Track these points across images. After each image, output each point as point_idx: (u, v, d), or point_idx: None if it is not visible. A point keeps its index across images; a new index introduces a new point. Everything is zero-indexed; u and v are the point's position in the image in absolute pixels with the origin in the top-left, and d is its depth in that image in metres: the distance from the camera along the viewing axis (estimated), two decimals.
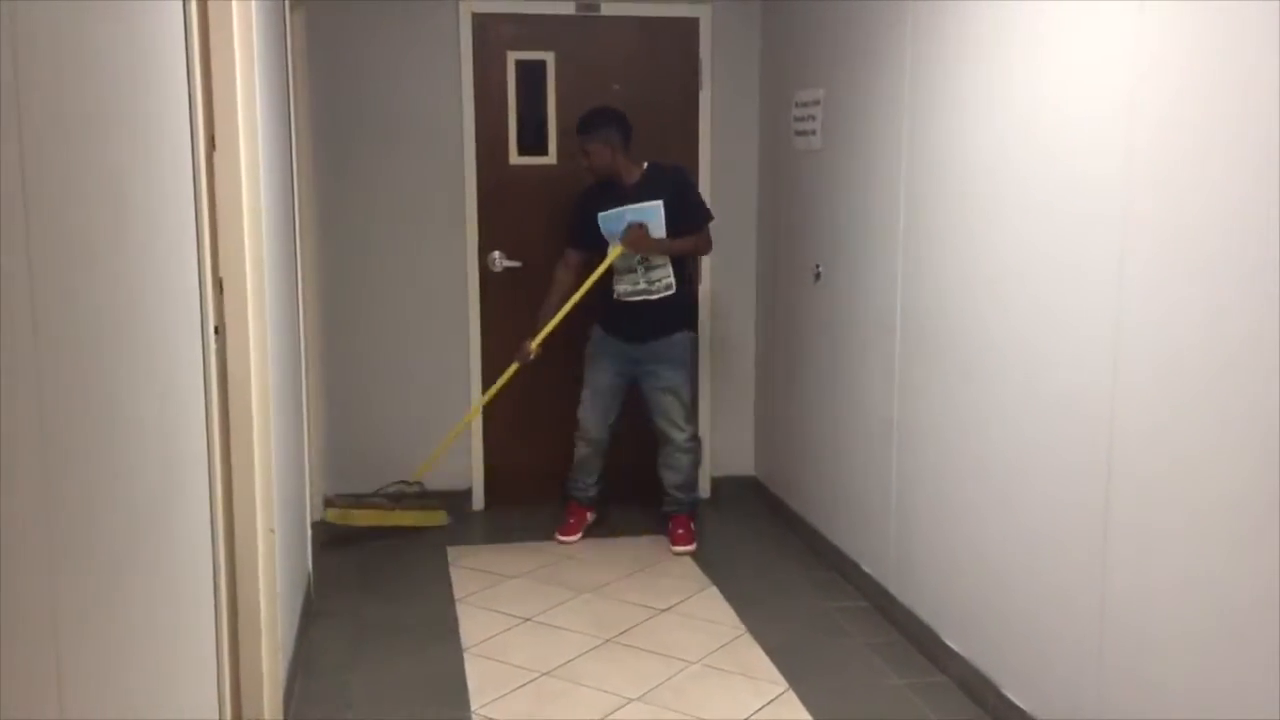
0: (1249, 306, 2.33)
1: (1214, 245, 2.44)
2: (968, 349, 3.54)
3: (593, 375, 4.92)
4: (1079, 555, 2.96)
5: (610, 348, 4.87)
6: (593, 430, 4.94)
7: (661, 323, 4.80)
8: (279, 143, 3.73)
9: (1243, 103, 2.35)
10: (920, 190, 3.83)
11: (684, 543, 4.86)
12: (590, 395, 4.93)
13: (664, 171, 4.81)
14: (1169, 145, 2.58)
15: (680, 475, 4.95)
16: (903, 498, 4.03)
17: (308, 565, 4.27)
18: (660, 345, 4.81)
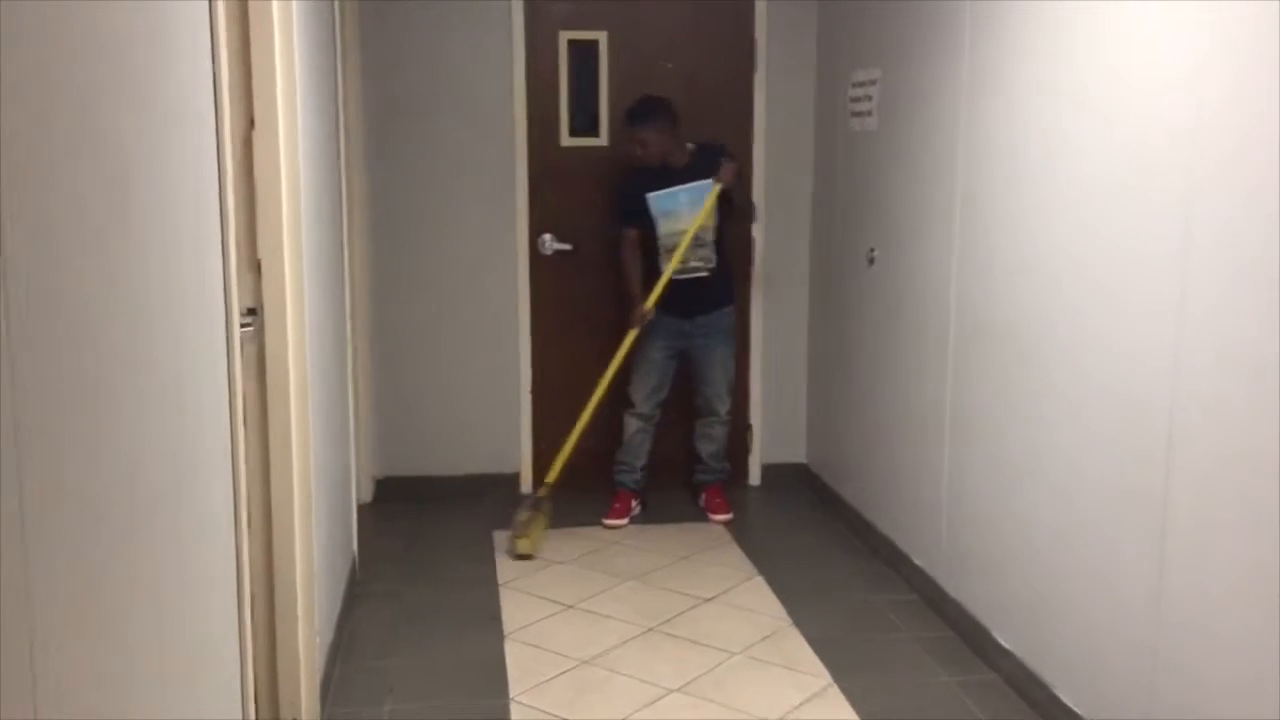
0: None
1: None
2: (1023, 336, 3.43)
3: (644, 350, 4.91)
4: (1135, 552, 2.85)
5: (661, 323, 4.86)
6: (644, 405, 4.98)
7: (713, 297, 4.93)
8: (324, 123, 3.71)
9: None
10: (976, 173, 3.71)
11: (723, 511, 5.03)
12: (643, 371, 4.95)
13: (711, 151, 4.84)
14: (1234, 123, 2.46)
15: (716, 445, 5.12)
16: (955, 489, 3.92)
17: (353, 547, 4.27)
18: (712, 318, 4.94)
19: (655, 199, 4.80)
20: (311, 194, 3.32)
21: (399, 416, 5.29)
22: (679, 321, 4.90)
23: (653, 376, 4.96)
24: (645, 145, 4.73)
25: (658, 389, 4.99)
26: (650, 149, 4.74)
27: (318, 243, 3.45)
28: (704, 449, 5.13)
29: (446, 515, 5.07)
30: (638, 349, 4.88)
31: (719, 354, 5.00)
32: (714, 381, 5.01)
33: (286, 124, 2.91)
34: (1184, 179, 2.63)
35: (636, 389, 4.99)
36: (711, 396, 5.03)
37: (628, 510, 5.01)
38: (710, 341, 4.97)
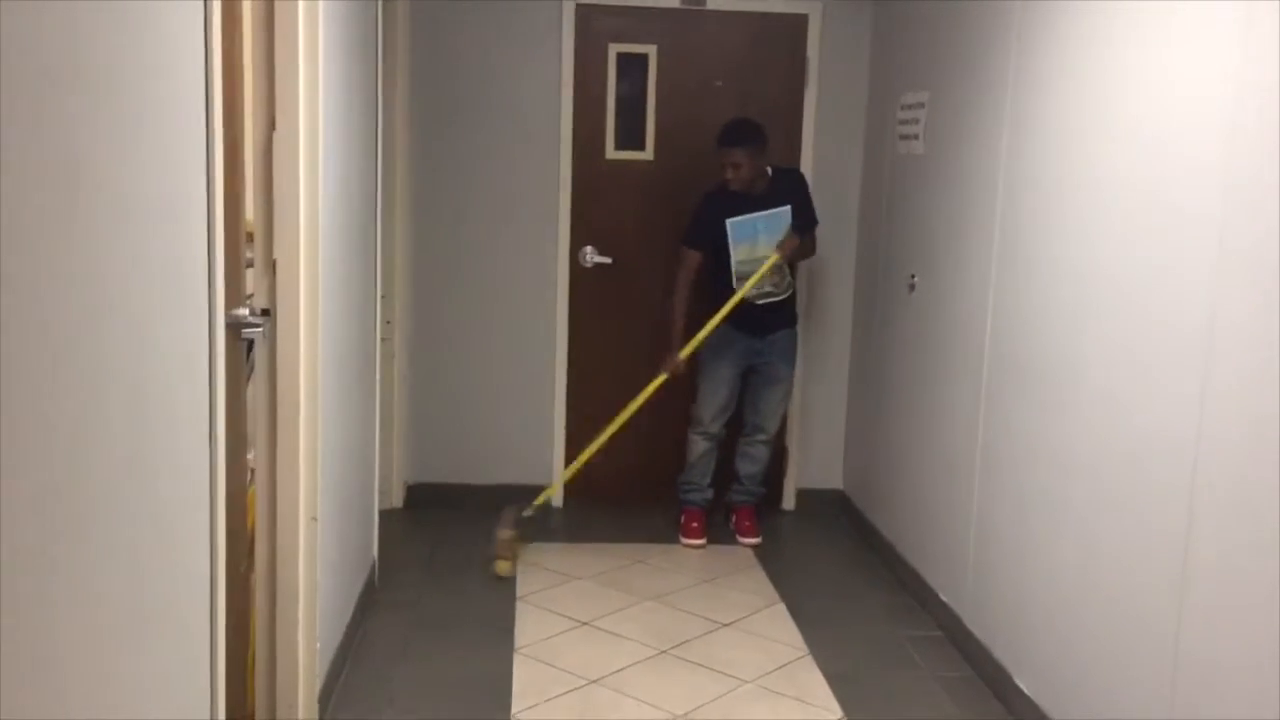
0: None
1: None
2: (1054, 378, 3.32)
3: (714, 368, 4.87)
4: (1154, 605, 2.73)
5: (732, 341, 4.82)
6: (712, 424, 4.93)
7: (785, 317, 4.94)
8: (359, 127, 3.71)
9: None
10: (1017, 204, 3.61)
11: (753, 534, 4.98)
12: (711, 388, 4.90)
13: (788, 176, 4.86)
14: (1267, 173, 2.34)
15: (759, 466, 5.07)
16: (983, 528, 3.81)
17: (373, 553, 4.26)
18: (781, 337, 4.92)
19: (735, 225, 4.73)
20: (338, 197, 3.32)
21: (434, 423, 5.29)
22: (750, 340, 4.86)
23: (721, 395, 4.91)
24: (738, 169, 4.65)
25: (725, 408, 4.94)
26: (742, 173, 4.65)
27: (343, 246, 3.45)
28: (745, 468, 5.07)
29: (475, 524, 5.03)
30: (707, 367, 4.85)
31: (782, 372, 4.96)
32: (771, 399, 4.97)
33: (308, 127, 2.91)
34: (1215, 229, 2.52)
35: (705, 407, 4.93)
36: (765, 414, 4.99)
37: (704, 529, 4.97)
38: (776, 360, 4.93)
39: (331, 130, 3.17)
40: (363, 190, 3.84)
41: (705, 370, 4.87)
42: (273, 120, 2.87)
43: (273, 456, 2.98)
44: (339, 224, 3.37)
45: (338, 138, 3.30)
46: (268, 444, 2.98)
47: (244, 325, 2.76)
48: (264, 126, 2.87)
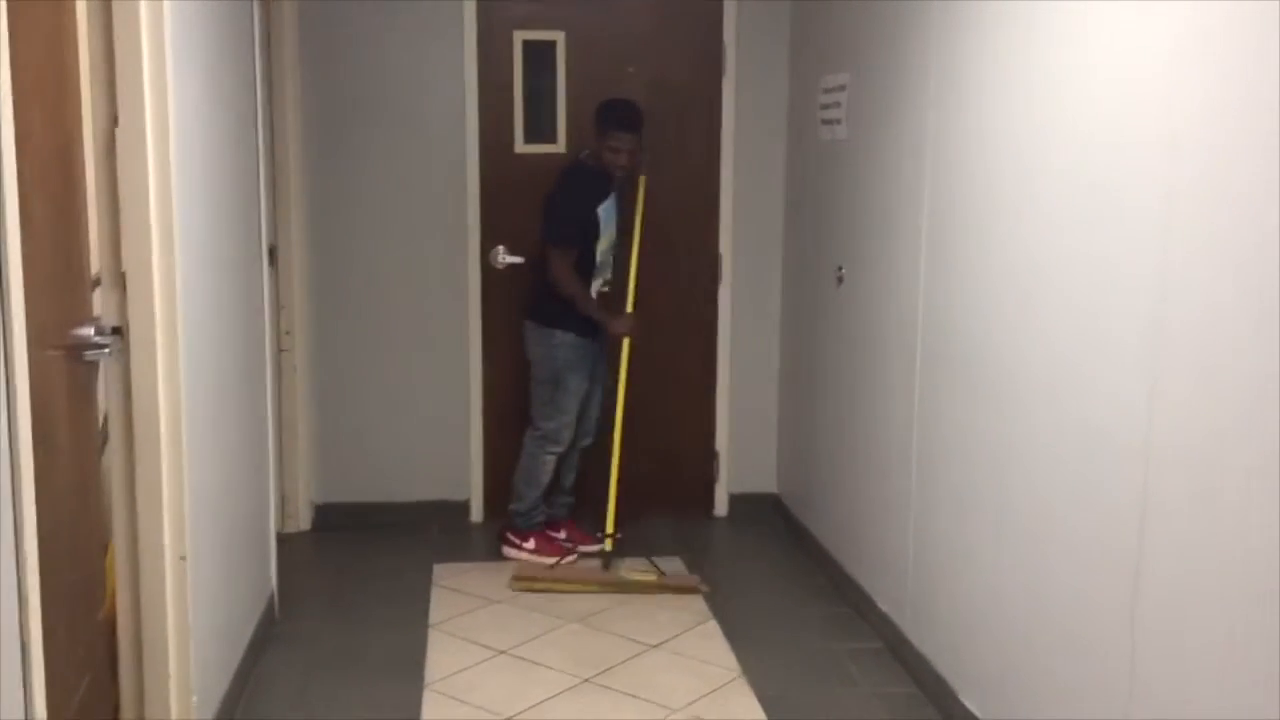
0: None
1: (1267, 253, 1.97)
2: (991, 368, 3.09)
3: (573, 379, 4.47)
4: (1106, 620, 2.51)
5: (584, 351, 4.49)
6: (570, 441, 4.56)
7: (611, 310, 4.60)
8: (235, 126, 3.39)
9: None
10: (944, 188, 3.38)
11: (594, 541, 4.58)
12: (571, 402, 4.48)
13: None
14: (1214, 136, 2.12)
15: (574, 474, 4.74)
16: (921, 533, 3.58)
17: (270, 583, 3.94)
18: (602, 334, 4.55)
19: (605, 211, 4.43)
20: (205, 201, 3.00)
21: (342, 439, 4.97)
22: (591, 342, 4.50)
23: (578, 407, 4.53)
24: (632, 155, 4.34)
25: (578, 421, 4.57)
26: (631, 160, 4.35)
27: (213, 254, 3.13)
28: (569, 479, 4.71)
29: (387, 546, 4.75)
30: (565, 378, 4.45)
31: (605, 371, 4.63)
32: (597, 405, 4.63)
33: (156, 121, 2.60)
34: (1162, 192, 2.29)
35: (568, 424, 4.50)
36: (593, 419, 4.64)
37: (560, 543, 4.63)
38: (602, 359, 4.61)
39: (190, 124, 2.85)
40: (242, 195, 3.51)
41: (564, 382, 4.45)
42: (115, 114, 2.55)
43: (131, 489, 2.67)
44: (208, 230, 3.05)
45: (198, 135, 2.97)
46: (125, 476, 2.67)
47: (86, 346, 2.45)
48: (105, 120, 2.56)
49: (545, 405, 4.50)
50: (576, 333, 4.43)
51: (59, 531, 2.25)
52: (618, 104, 4.38)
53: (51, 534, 2.21)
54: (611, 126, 4.30)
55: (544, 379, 4.49)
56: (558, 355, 4.43)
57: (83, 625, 2.45)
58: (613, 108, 4.36)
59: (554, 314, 4.43)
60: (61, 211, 2.34)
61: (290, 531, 4.84)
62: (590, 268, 4.43)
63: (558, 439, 4.51)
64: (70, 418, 2.37)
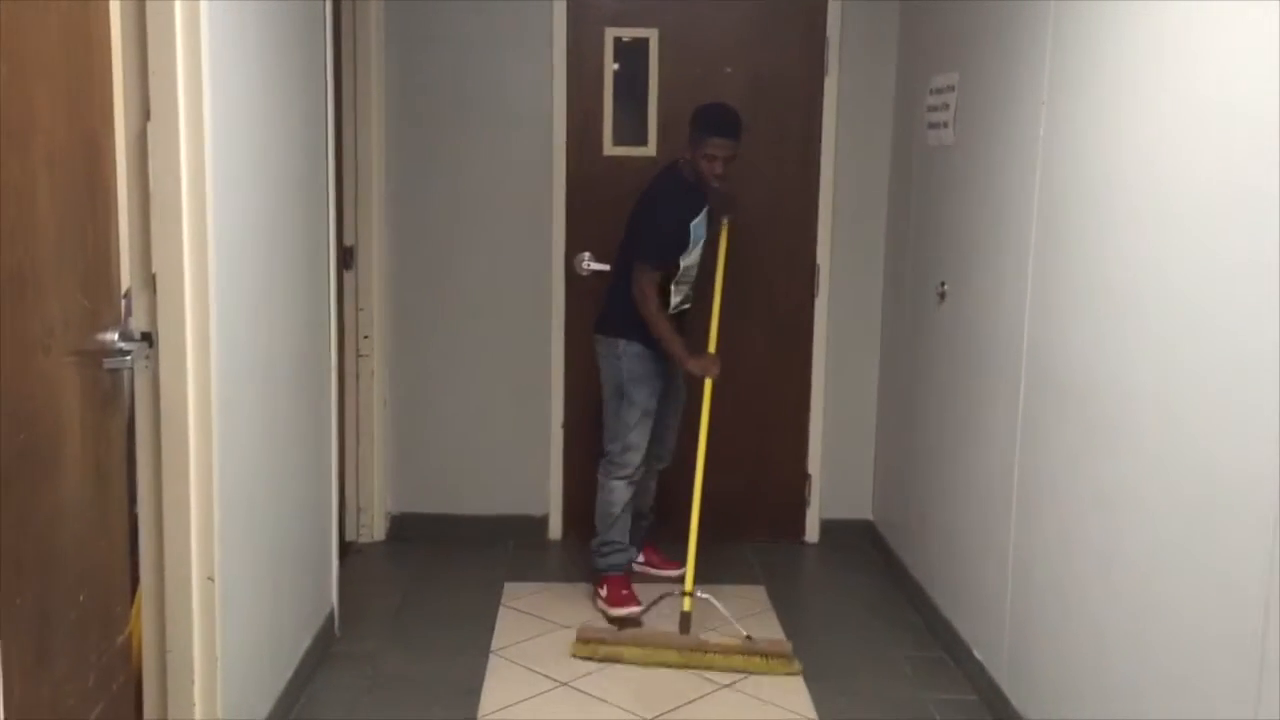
0: None
1: None
2: (1104, 400, 2.76)
3: (641, 399, 4.07)
4: (1227, 685, 2.18)
5: (653, 365, 4.09)
6: (639, 467, 4.13)
7: (688, 327, 4.20)
8: (293, 117, 3.24)
9: None
10: (1057, 199, 3.06)
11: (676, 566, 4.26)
12: (642, 425, 4.09)
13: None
14: None
15: (652, 496, 4.46)
16: (1021, 573, 3.25)
17: (330, 600, 3.79)
18: None
19: (697, 226, 4.05)
20: (240, 200, 2.84)
21: (420, 447, 4.82)
22: (662, 360, 4.10)
23: (649, 430, 4.12)
24: (727, 163, 3.94)
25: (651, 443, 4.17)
26: (728, 169, 3.96)
27: (264, 258, 2.98)
28: (645, 502, 4.39)
29: (460, 559, 4.59)
30: (632, 397, 4.06)
31: (683, 390, 4.32)
32: (674, 424, 4.33)
33: (190, 116, 2.44)
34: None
35: (637, 448, 4.08)
36: (669, 440, 4.33)
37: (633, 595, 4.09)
38: (679, 377, 4.26)
39: (237, 126, 2.71)
40: (305, 195, 3.37)
41: (630, 395, 4.06)
42: (147, 109, 2.41)
43: (158, 507, 2.52)
44: (257, 232, 2.90)
45: (249, 135, 2.82)
46: (152, 490, 2.52)
47: (107, 353, 2.30)
48: (137, 117, 2.42)
49: (612, 424, 4.14)
50: (644, 344, 4.05)
51: (62, 552, 2.11)
52: (716, 108, 4.02)
53: (49, 556, 2.07)
54: (709, 133, 3.92)
55: (609, 394, 4.14)
56: (622, 366, 4.07)
57: (94, 651, 2.31)
58: (710, 112, 4.00)
59: (619, 323, 4.08)
60: (80, 209, 2.20)
61: (365, 541, 4.72)
62: (669, 283, 4.06)
63: (625, 462, 4.10)
64: (85, 429, 2.23)
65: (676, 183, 4.02)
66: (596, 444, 4.66)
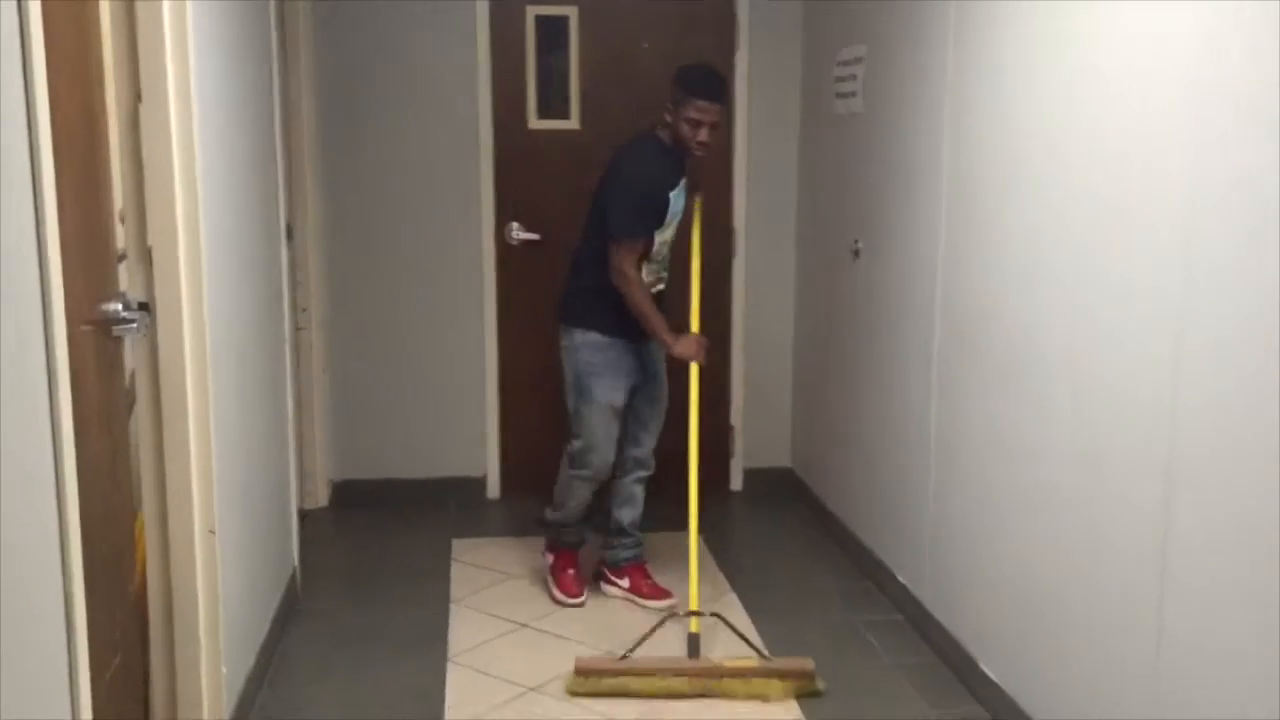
0: None
1: None
2: (1010, 343, 3.09)
3: (605, 392, 3.76)
4: (1134, 590, 2.52)
5: (615, 354, 3.79)
6: (607, 466, 3.86)
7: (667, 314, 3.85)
8: (251, 98, 3.39)
9: None
10: (964, 160, 3.38)
11: (664, 594, 3.95)
12: (604, 420, 3.78)
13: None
14: (1238, 93, 2.11)
15: (640, 510, 4.05)
16: (941, 504, 3.59)
17: (293, 560, 3.96)
18: (652, 345, 3.87)
19: (676, 196, 3.76)
20: (223, 176, 3.00)
21: (359, 416, 4.98)
22: (637, 347, 3.82)
23: (615, 427, 3.83)
24: (713, 130, 3.66)
25: (616, 441, 3.87)
26: (713, 136, 3.68)
27: (235, 231, 3.14)
28: (628, 515, 4.01)
29: (405, 521, 4.77)
30: (594, 390, 3.77)
31: (664, 387, 3.98)
32: (655, 426, 3.98)
33: (179, 97, 2.60)
34: (1191, 149, 2.29)
35: (600, 447, 3.79)
36: (645, 447, 3.98)
37: (583, 578, 4.01)
38: (659, 370, 3.94)
39: (211, 100, 2.86)
40: (260, 169, 3.52)
41: (588, 391, 3.76)
42: (138, 92, 2.55)
43: (161, 464, 2.68)
44: (229, 205, 3.06)
45: (220, 109, 2.98)
46: (154, 450, 2.68)
47: (115, 321, 2.46)
48: (129, 100, 2.56)
49: (574, 420, 3.85)
50: (601, 331, 3.76)
51: (92, 506, 2.26)
52: (700, 68, 3.74)
53: (85, 509, 2.23)
54: (693, 94, 3.60)
55: (569, 387, 3.84)
56: (579, 358, 3.78)
57: (117, 602, 2.47)
58: (694, 73, 3.69)
59: (577, 310, 3.82)
60: (88, 188, 2.35)
61: (309, 508, 4.86)
62: (642, 259, 3.75)
63: (585, 463, 3.81)
64: (100, 392, 2.38)
65: (653, 148, 3.73)
66: (531, 406, 4.92)
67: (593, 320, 3.77)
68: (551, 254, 4.88)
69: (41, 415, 1.72)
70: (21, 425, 1.65)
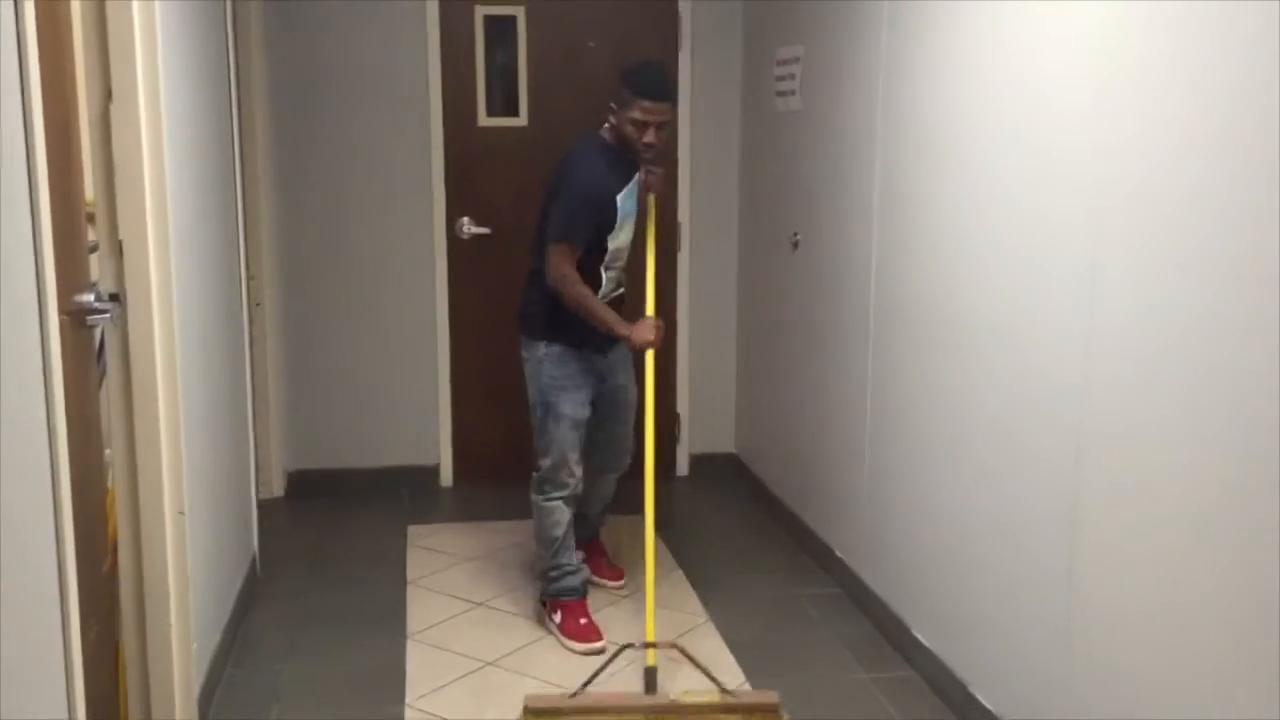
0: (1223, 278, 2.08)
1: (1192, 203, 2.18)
2: (940, 325, 3.30)
3: (574, 410, 3.64)
4: (1046, 548, 2.73)
5: (582, 370, 3.68)
6: (571, 481, 3.70)
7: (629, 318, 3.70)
8: (207, 98, 3.50)
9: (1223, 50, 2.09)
10: (896, 155, 3.57)
11: (619, 574, 4.08)
12: (565, 435, 3.63)
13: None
14: (1142, 101, 2.32)
15: (608, 500, 4.07)
16: (876, 483, 3.79)
17: (253, 545, 4.08)
18: (622, 350, 3.77)
19: (625, 199, 3.60)
20: (189, 173, 3.12)
21: (312, 408, 5.09)
22: (595, 358, 3.70)
23: (577, 439, 3.68)
24: (659, 131, 3.51)
25: (581, 454, 3.73)
26: (659, 137, 3.52)
27: (197, 225, 3.25)
28: (595, 508, 4.01)
29: (360, 509, 4.89)
30: (554, 405, 3.63)
31: (632, 392, 3.86)
32: (623, 433, 3.89)
33: (148, 97, 2.71)
34: (1096, 148, 2.49)
35: (564, 463, 3.64)
36: (619, 451, 3.92)
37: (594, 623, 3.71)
38: (623, 377, 3.84)
39: (177, 100, 2.98)
40: (219, 166, 3.63)
41: (554, 408, 3.62)
42: (109, 91, 2.67)
43: (132, 449, 2.80)
44: (193, 201, 3.18)
45: (185, 109, 3.10)
46: (125, 436, 2.79)
47: (89, 311, 2.57)
48: (99, 99, 2.67)
49: (540, 438, 3.68)
50: (565, 344, 3.63)
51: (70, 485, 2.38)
52: (645, 67, 3.62)
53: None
54: (638, 94, 3.46)
55: (533, 402, 3.69)
56: (543, 372, 3.64)
57: (91, 577, 2.58)
58: (640, 72, 3.55)
59: (537, 323, 3.66)
60: (63, 184, 2.46)
61: (265, 498, 4.96)
62: (599, 265, 3.62)
63: (555, 481, 3.67)
64: (75, 379, 2.49)
65: (597, 149, 3.59)
66: (482, 397, 5.07)
67: (554, 333, 3.63)
68: (501, 248, 5.05)
69: (38, 396, 1.85)
70: (21, 406, 1.77)
